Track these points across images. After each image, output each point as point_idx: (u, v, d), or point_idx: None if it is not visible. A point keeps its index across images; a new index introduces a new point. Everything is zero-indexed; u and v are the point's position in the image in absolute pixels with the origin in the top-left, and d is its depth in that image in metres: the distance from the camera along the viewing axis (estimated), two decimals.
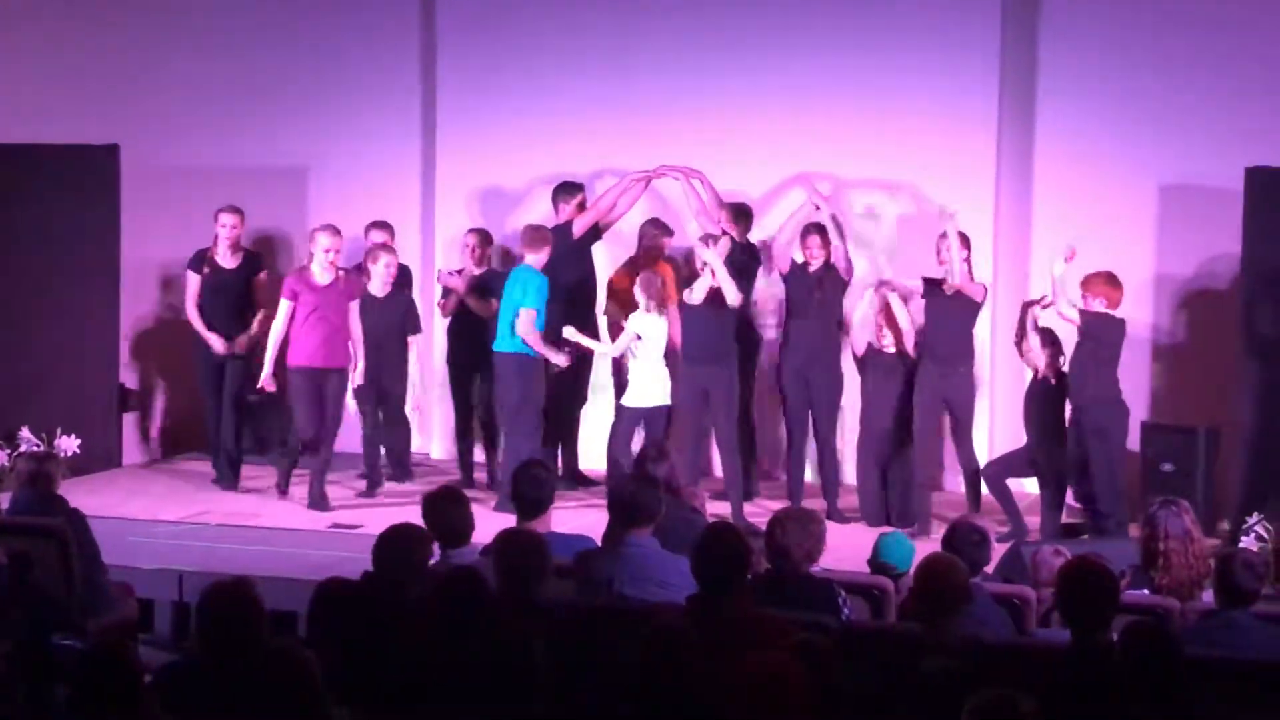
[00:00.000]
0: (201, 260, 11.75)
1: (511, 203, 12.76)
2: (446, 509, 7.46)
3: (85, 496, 9.79)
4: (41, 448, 11.26)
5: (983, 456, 11.26)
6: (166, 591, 9.37)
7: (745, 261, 11.45)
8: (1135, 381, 11.78)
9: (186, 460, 12.89)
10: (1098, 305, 10.37)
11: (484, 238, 12.10)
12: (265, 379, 11.13)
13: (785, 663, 5.15)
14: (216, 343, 11.69)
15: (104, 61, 13.44)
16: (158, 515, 10.97)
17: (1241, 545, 9.15)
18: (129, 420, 13.11)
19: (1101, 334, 10.30)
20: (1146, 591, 7.52)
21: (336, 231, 11.22)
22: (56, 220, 12.18)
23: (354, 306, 11.17)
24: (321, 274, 11.05)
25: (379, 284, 11.60)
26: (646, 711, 5.44)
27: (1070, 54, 11.92)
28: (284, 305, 11.04)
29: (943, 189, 11.91)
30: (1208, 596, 7.23)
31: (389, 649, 6.03)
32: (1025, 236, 12.13)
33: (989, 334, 11.78)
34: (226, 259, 11.75)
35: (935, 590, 6.30)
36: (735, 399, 11.23)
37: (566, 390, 11.77)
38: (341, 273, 11.19)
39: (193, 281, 11.76)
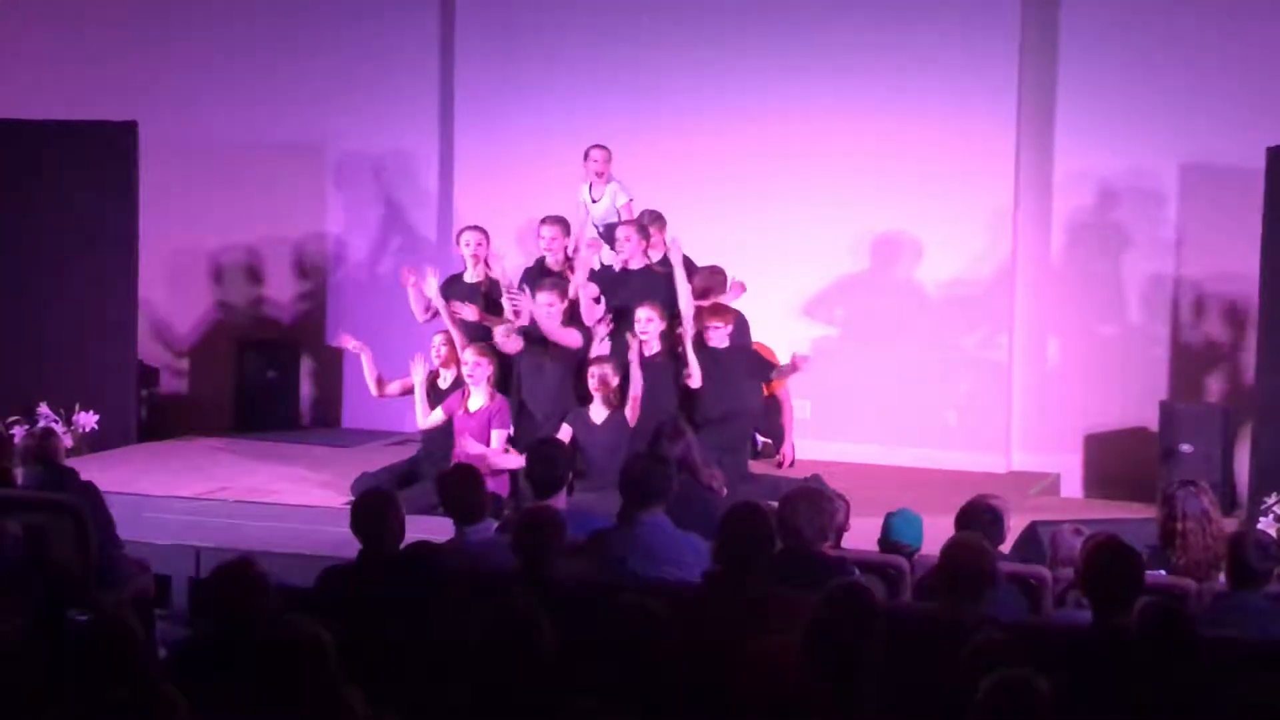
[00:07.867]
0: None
1: (531, 179, 12.67)
2: (461, 487, 7.46)
3: (102, 472, 9.79)
4: (59, 423, 11.28)
5: None
6: (183, 567, 9.36)
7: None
8: (1154, 362, 11.80)
9: (203, 438, 12.88)
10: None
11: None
12: None
13: (787, 645, 5.14)
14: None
15: (123, 38, 13.46)
16: (175, 491, 10.97)
17: (1259, 526, 9.10)
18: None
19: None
20: (1163, 572, 7.48)
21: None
22: (75, 197, 12.23)
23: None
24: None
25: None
26: (622, 689, 5.40)
27: (1090, 31, 11.89)
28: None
29: (961, 185, 12.00)
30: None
31: (393, 626, 6.04)
32: (1046, 209, 12.12)
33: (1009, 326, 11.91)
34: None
35: (961, 573, 6.19)
36: None
37: None
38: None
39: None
